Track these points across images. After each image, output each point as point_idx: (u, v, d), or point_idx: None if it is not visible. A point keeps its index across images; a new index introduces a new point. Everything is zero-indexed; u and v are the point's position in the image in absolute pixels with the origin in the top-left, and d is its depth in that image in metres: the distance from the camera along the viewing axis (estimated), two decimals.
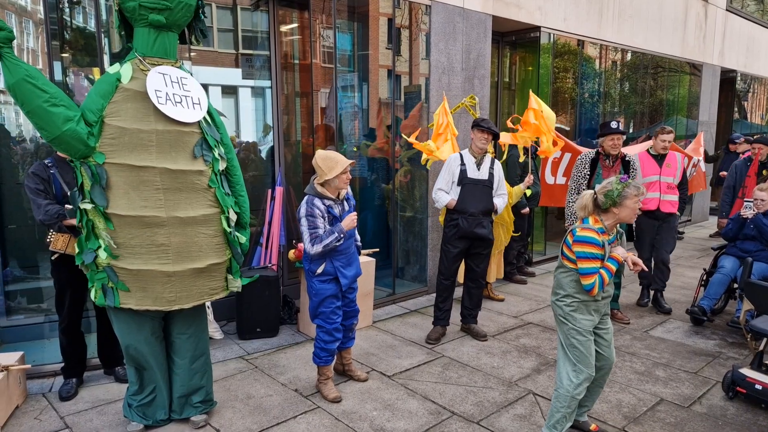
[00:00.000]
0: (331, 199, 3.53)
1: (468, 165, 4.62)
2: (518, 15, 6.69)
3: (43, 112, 2.63)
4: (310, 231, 3.45)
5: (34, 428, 3.30)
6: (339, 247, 3.57)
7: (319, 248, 3.44)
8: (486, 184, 4.63)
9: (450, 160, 4.71)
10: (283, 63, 5.50)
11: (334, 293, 3.62)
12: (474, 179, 4.59)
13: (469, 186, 4.59)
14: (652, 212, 5.38)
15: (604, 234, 2.92)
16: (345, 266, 3.65)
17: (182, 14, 2.95)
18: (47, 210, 3.36)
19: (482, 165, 4.64)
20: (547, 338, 4.85)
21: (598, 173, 5.03)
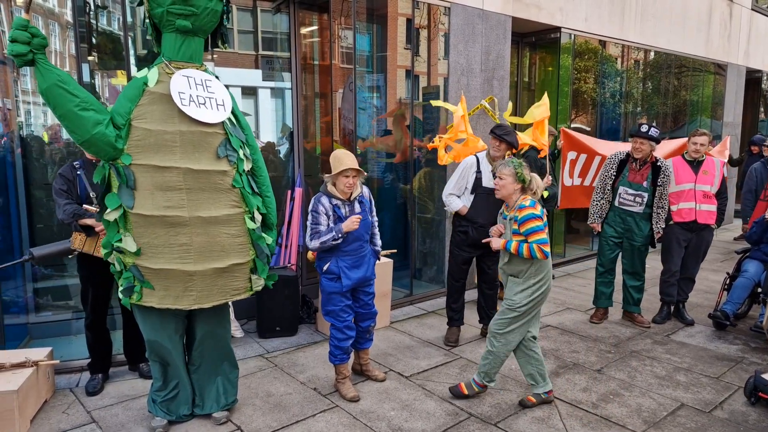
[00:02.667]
0: (339, 199, 3.58)
1: (484, 172, 4.44)
2: (538, 16, 6.67)
3: (73, 116, 2.71)
4: (312, 226, 3.57)
5: (62, 422, 3.40)
6: (345, 247, 3.60)
7: (316, 244, 3.55)
8: None
9: (465, 164, 4.53)
10: (302, 64, 5.56)
11: (340, 291, 3.65)
12: (489, 188, 4.35)
13: (482, 195, 4.43)
14: (688, 224, 5.09)
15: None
16: (350, 268, 3.66)
17: (208, 20, 3.02)
18: (65, 209, 3.46)
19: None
20: (565, 341, 4.83)
21: (624, 175, 4.97)
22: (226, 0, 3.13)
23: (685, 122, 10.08)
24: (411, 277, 5.99)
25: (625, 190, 4.97)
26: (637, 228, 5.00)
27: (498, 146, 4.38)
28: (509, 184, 3.46)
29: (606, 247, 5.16)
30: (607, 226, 5.13)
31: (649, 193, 4.90)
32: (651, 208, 4.96)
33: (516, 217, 3.43)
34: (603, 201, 5.11)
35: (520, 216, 3.40)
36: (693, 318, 5.34)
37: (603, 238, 5.17)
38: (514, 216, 3.44)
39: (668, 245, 5.25)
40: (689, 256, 5.26)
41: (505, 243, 3.47)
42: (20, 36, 2.55)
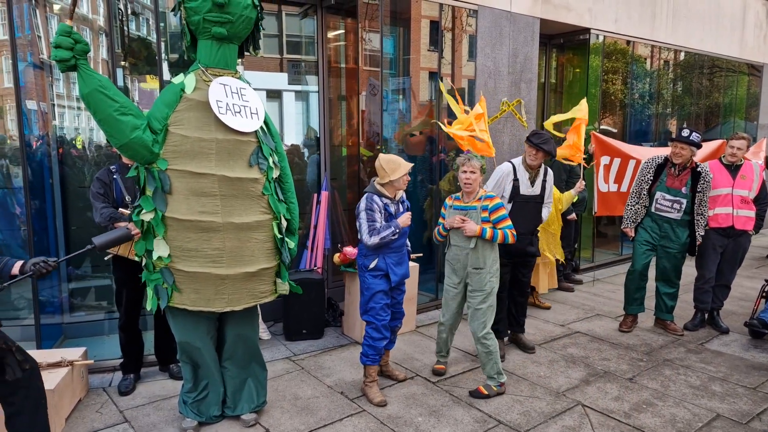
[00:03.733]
0: (388, 198, 3.71)
1: (522, 180, 4.31)
2: (567, 17, 6.58)
3: (113, 121, 2.77)
4: (369, 223, 3.62)
5: (96, 421, 3.47)
6: (392, 244, 3.70)
7: (376, 240, 3.59)
8: (538, 200, 4.37)
9: (501, 171, 4.37)
10: (329, 67, 5.59)
11: (384, 289, 3.72)
12: (527, 196, 4.31)
13: (521, 203, 4.32)
14: (724, 229, 4.96)
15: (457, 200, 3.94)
16: (396, 264, 3.76)
17: (243, 27, 3.06)
18: (102, 212, 3.55)
19: (537, 180, 4.33)
20: (595, 348, 4.74)
21: (662, 180, 4.81)
22: (260, 7, 3.16)
23: (717, 124, 9.84)
24: (436, 281, 5.96)
25: (662, 196, 4.84)
26: (674, 235, 4.87)
27: (535, 155, 4.23)
28: (478, 177, 3.83)
29: (640, 252, 5.03)
30: (642, 231, 5.01)
31: (687, 199, 4.75)
32: (689, 215, 4.82)
33: (486, 206, 3.80)
34: (638, 206, 4.99)
35: (490, 205, 3.80)
36: (728, 326, 5.20)
37: (637, 242, 5.05)
38: (483, 205, 3.80)
39: (703, 251, 5.10)
40: (725, 263, 5.12)
41: (481, 230, 3.74)
42: (64, 42, 2.62)
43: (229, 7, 2.92)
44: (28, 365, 2.71)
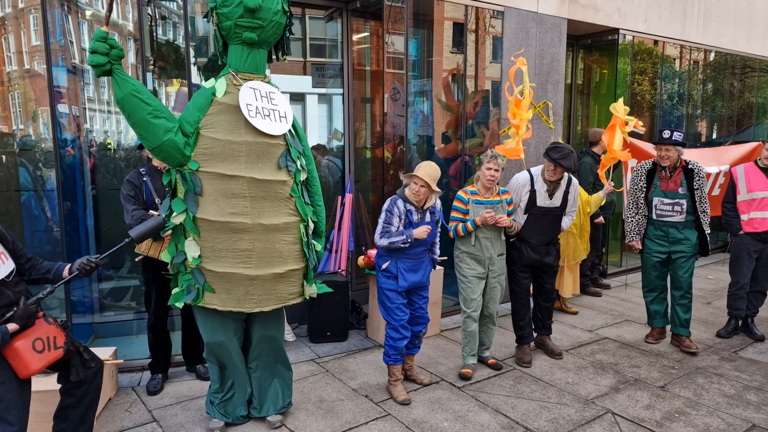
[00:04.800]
0: (413, 204, 3.67)
1: (539, 192, 4.18)
2: (595, 18, 6.48)
3: (146, 123, 2.82)
4: (383, 225, 3.67)
5: (126, 420, 3.52)
6: (407, 250, 3.69)
7: (384, 242, 3.65)
8: (557, 212, 4.23)
9: (518, 182, 4.24)
10: (354, 70, 5.60)
11: (395, 289, 3.74)
12: (544, 208, 4.18)
13: (536, 215, 4.20)
14: (760, 234, 4.80)
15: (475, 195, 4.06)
16: (408, 270, 3.74)
17: (273, 32, 3.10)
18: (133, 215, 3.61)
19: (556, 193, 4.19)
20: (625, 355, 4.64)
21: (656, 185, 4.60)
22: (290, 13, 3.19)
23: (750, 125, 9.57)
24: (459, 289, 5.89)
25: (660, 201, 4.60)
26: (684, 237, 4.60)
27: (553, 170, 4.06)
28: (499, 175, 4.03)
29: (650, 265, 4.77)
30: (649, 242, 4.74)
31: (687, 199, 4.53)
32: (692, 215, 4.58)
33: (507, 200, 4.15)
34: (639, 216, 4.76)
35: (508, 197, 4.17)
36: (763, 333, 5.04)
37: (646, 255, 4.77)
38: (506, 199, 4.14)
39: (737, 256, 4.95)
40: (760, 268, 4.95)
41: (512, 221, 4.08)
42: (100, 47, 2.67)
43: (260, 12, 2.95)
44: (94, 364, 2.83)
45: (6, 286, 2.52)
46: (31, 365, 2.48)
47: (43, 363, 2.53)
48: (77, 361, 2.75)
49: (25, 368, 2.48)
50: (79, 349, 2.77)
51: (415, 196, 3.64)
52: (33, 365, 2.49)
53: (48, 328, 2.59)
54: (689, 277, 4.67)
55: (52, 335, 2.58)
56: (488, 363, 4.35)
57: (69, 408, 2.78)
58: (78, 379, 2.75)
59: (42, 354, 2.51)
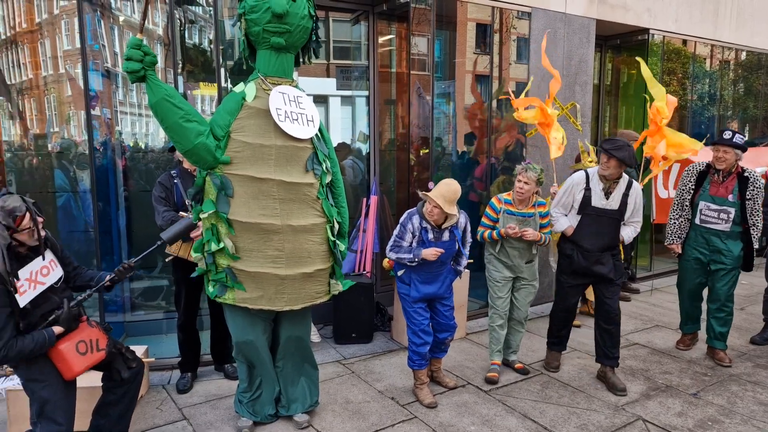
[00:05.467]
0: (430, 223, 3.61)
1: (594, 190, 3.88)
2: (625, 18, 6.39)
3: (178, 128, 2.87)
4: (395, 238, 3.70)
5: (157, 417, 3.59)
6: (421, 266, 3.68)
7: (392, 256, 3.71)
8: (614, 215, 3.87)
9: (572, 180, 4.01)
10: (380, 72, 5.62)
11: (409, 295, 3.76)
12: (599, 209, 3.87)
13: (591, 216, 3.90)
14: None
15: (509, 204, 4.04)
16: (423, 282, 3.73)
17: (300, 36, 3.13)
18: (164, 216, 3.68)
19: (613, 193, 3.87)
20: (656, 361, 4.55)
21: (705, 188, 4.39)
22: (316, 17, 3.22)
23: None
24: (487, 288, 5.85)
25: (707, 206, 4.39)
26: (726, 249, 4.37)
27: (606, 162, 3.76)
28: (532, 189, 3.94)
29: (689, 272, 4.58)
30: (689, 248, 4.54)
31: (736, 208, 4.28)
32: (740, 226, 4.31)
33: (541, 213, 4.06)
34: (682, 219, 4.55)
35: (544, 211, 4.07)
36: None
37: (685, 261, 4.59)
38: (540, 212, 4.05)
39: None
40: None
41: (540, 236, 4.01)
42: (135, 54, 2.74)
43: (287, 17, 2.99)
44: (135, 364, 2.92)
45: (54, 291, 2.62)
46: (75, 367, 2.57)
47: (86, 364, 2.62)
48: (120, 362, 2.84)
49: (69, 370, 2.57)
50: (121, 350, 2.86)
51: (430, 216, 3.57)
52: (77, 367, 2.58)
53: (91, 331, 2.67)
54: (728, 291, 4.44)
55: (95, 338, 2.67)
56: (515, 367, 4.31)
57: (109, 405, 2.86)
58: (120, 378, 2.83)
59: (85, 356, 2.60)
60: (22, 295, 2.47)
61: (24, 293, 2.48)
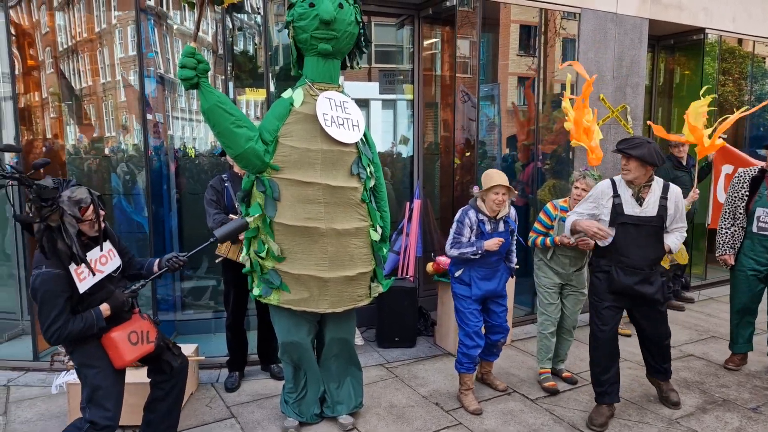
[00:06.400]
0: (485, 215, 3.63)
1: (624, 197, 3.41)
2: (679, 17, 6.17)
3: (229, 133, 2.95)
4: (454, 235, 3.68)
5: (206, 414, 3.68)
6: (483, 260, 3.66)
7: (455, 252, 3.66)
8: (654, 223, 3.38)
9: (598, 190, 3.52)
10: (424, 76, 5.61)
11: (468, 296, 3.72)
12: (634, 217, 3.38)
13: (628, 226, 3.39)
14: None
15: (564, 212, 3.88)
16: (482, 278, 3.71)
17: (346, 42, 3.18)
18: (214, 218, 3.79)
19: (647, 198, 3.39)
20: (712, 373, 4.36)
21: (762, 194, 4.15)
22: (362, 23, 3.25)
23: None
24: (533, 294, 5.75)
25: (765, 212, 4.16)
26: None
27: (625, 164, 3.36)
28: None
29: (744, 283, 4.32)
30: (745, 258, 4.28)
31: None
32: None
33: None
34: (735, 228, 4.33)
35: None
36: None
37: (739, 271, 4.33)
38: None
39: None
40: None
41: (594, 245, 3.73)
42: (188, 62, 2.83)
43: (335, 24, 3.03)
44: (180, 360, 3.01)
45: (111, 281, 2.73)
46: (126, 356, 2.67)
47: (136, 354, 2.71)
48: (169, 355, 2.93)
49: (120, 358, 2.67)
50: (168, 345, 2.94)
51: (498, 207, 3.59)
52: (127, 356, 2.67)
53: (142, 323, 2.77)
54: None
55: (146, 330, 2.77)
56: (563, 376, 4.21)
57: (158, 401, 2.95)
58: (171, 368, 2.93)
59: (136, 346, 2.70)
60: (82, 282, 2.57)
61: (84, 280, 2.58)
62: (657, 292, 3.42)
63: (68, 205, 2.49)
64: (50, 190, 2.45)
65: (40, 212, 2.44)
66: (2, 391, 3.97)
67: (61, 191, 2.50)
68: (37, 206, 2.43)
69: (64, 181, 2.59)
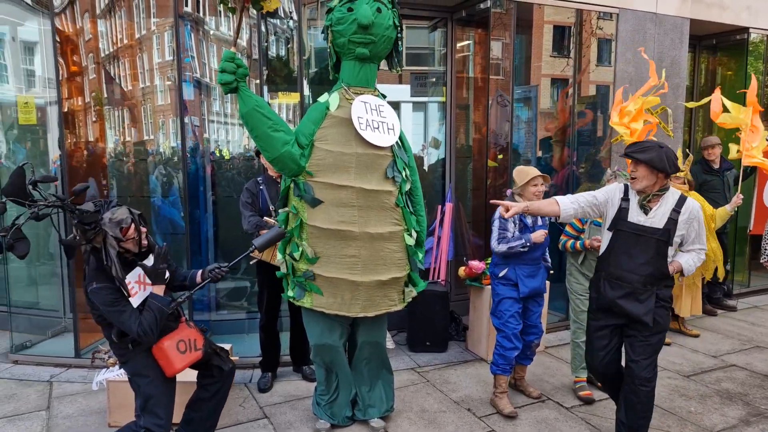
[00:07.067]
0: None
1: (632, 203, 3.02)
2: (721, 17, 5.98)
3: (266, 137, 2.99)
4: (500, 231, 3.66)
5: (240, 414, 3.73)
6: (524, 256, 3.66)
7: (503, 248, 3.62)
8: (657, 236, 2.93)
9: (608, 190, 3.14)
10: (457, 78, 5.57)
11: (513, 297, 3.70)
12: (636, 225, 2.96)
13: (626, 235, 2.98)
14: None
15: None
16: (528, 276, 3.71)
17: (384, 47, 3.19)
18: (249, 221, 3.84)
19: (655, 208, 2.96)
20: (756, 385, 4.19)
21: None
22: (400, 27, 3.25)
23: None
24: (566, 299, 5.64)
25: None
26: None
27: (634, 171, 2.97)
28: None
29: None
30: None
31: None
32: None
33: None
34: None
35: None
36: None
37: None
38: None
39: None
40: None
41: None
42: (228, 67, 2.88)
43: (372, 28, 3.04)
44: (231, 364, 3.09)
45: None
46: (176, 364, 2.74)
47: (185, 363, 2.78)
48: (218, 359, 3.01)
49: (171, 367, 2.74)
50: (216, 350, 3.00)
51: (538, 197, 3.61)
52: (177, 364, 2.74)
53: (189, 331, 2.83)
54: None
55: (193, 338, 2.83)
56: (598, 385, 4.11)
57: (203, 401, 3.01)
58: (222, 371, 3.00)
59: (184, 354, 2.76)
60: (133, 297, 2.66)
61: (135, 294, 2.68)
62: (646, 314, 2.91)
63: (110, 227, 2.57)
64: (92, 214, 2.53)
65: (84, 235, 2.54)
66: (45, 387, 4.11)
67: (102, 213, 2.59)
68: (81, 230, 2.53)
69: (105, 202, 2.67)
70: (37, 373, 4.32)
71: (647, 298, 2.93)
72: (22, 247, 2.43)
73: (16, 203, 2.44)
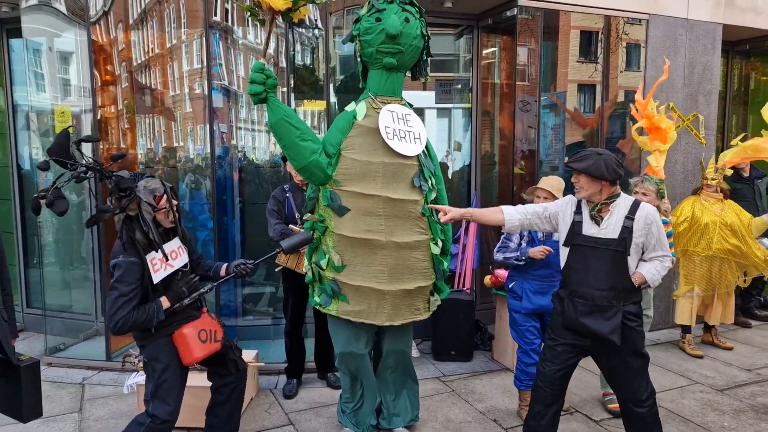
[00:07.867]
0: None
1: (584, 215, 2.87)
2: (756, 22, 5.84)
3: (294, 146, 3.02)
4: (502, 240, 3.68)
5: (265, 420, 3.76)
6: (533, 271, 3.59)
7: (499, 257, 3.65)
8: (614, 246, 2.77)
9: (565, 199, 3.02)
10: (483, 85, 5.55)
11: (519, 309, 3.66)
12: (590, 238, 2.81)
13: (583, 249, 2.82)
14: None
15: None
16: (536, 292, 3.61)
17: (411, 56, 3.19)
18: (275, 228, 3.88)
19: (606, 217, 2.81)
20: None
21: None
22: (427, 36, 3.25)
23: None
24: None
25: None
26: None
27: (576, 180, 2.84)
28: (652, 201, 3.60)
29: None
30: None
31: None
32: None
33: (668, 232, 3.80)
34: None
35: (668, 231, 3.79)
36: None
37: None
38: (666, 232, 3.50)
39: None
40: None
41: None
42: (258, 77, 2.92)
43: (400, 38, 3.04)
44: (243, 363, 3.10)
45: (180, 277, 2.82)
46: (195, 352, 2.77)
47: (205, 352, 2.81)
48: (233, 354, 3.02)
49: (190, 354, 2.77)
50: (232, 346, 3.03)
51: None
52: (196, 352, 2.77)
53: (211, 322, 2.87)
54: None
55: (214, 329, 2.87)
56: None
57: (218, 405, 3.04)
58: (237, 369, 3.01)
59: (204, 344, 2.80)
60: (156, 273, 2.69)
61: (158, 271, 2.70)
62: (612, 332, 2.71)
63: (144, 194, 2.64)
64: (128, 180, 2.60)
65: (119, 202, 2.60)
66: (78, 389, 4.21)
67: (137, 182, 2.66)
68: (117, 197, 2.59)
69: (140, 174, 2.75)
70: (69, 376, 4.44)
71: (613, 315, 2.74)
72: (61, 205, 2.45)
73: (58, 163, 2.49)
